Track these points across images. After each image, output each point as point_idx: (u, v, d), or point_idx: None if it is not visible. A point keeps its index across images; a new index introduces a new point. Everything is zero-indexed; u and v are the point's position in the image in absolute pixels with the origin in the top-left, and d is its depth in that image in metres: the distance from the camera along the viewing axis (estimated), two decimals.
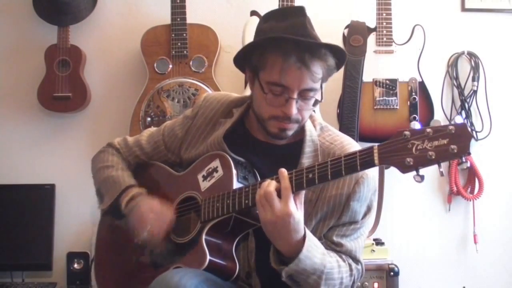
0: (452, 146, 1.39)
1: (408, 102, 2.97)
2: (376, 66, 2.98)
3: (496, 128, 3.20)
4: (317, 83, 1.74)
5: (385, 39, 2.99)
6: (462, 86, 3.19)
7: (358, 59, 2.89)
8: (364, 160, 1.51)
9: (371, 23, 2.99)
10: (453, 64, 3.20)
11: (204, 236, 1.74)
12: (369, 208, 1.80)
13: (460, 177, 3.21)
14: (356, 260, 1.78)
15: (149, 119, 2.97)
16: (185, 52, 3.01)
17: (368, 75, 2.95)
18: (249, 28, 2.88)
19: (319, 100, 1.78)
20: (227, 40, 3.12)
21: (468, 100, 3.19)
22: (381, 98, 2.97)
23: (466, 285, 3.18)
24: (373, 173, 1.77)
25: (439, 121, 1.50)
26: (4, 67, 3.20)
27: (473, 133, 3.16)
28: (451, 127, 1.39)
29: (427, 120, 2.95)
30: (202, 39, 3.04)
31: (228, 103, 1.96)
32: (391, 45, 2.99)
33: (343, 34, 2.97)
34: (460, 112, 3.18)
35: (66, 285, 3.01)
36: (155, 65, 3.02)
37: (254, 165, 1.84)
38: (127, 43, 3.18)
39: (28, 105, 3.16)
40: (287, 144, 1.86)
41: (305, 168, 1.61)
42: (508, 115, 3.27)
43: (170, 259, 1.82)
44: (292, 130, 1.80)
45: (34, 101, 3.09)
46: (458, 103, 3.20)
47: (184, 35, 3.01)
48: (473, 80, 3.18)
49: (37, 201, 3.08)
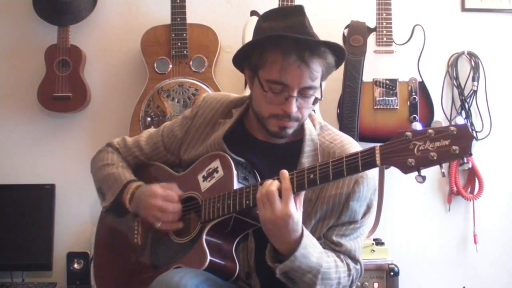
0: (454, 147, 1.39)
1: (408, 102, 2.97)
2: (376, 66, 2.98)
3: (496, 128, 3.20)
4: (317, 81, 1.74)
5: (385, 39, 2.99)
6: (462, 86, 3.19)
7: (358, 59, 2.89)
8: (366, 161, 1.52)
9: (371, 23, 2.99)
10: (453, 64, 3.20)
11: (205, 236, 1.74)
12: (369, 208, 1.80)
13: (460, 177, 3.21)
14: (355, 260, 1.78)
15: (149, 119, 2.97)
16: (185, 52, 3.01)
17: (368, 75, 2.95)
18: (249, 28, 2.87)
19: (319, 99, 1.78)
20: (227, 40, 3.11)
21: (468, 100, 3.19)
22: (381, 98, 2.97)
23: (466, 285, 3.18)
24: (373, 173, 1.76)
25: (441, 122, 1.49)
26: (4, 67, 3.20)
27: (473, 133, 3.16)
28: (453, 128, 1.40)
29: (427, 120, 2.95)
30: (202, 39, 3.04)
31: (228, 104, 1.96)
32: (391, 45, 2.99)
33: (343, 34, 2.97)
34: (460, 112, 3.18)
35: (66, 285, 3.01)
36: (155, 65, 3.02)
37: (254, 165, 1.84)
38: (127, 43, 3.18)
39: (28, 105, 3.16)
40: (287, 144, 1.86)
41: (306, 169, 1.61)
42: (508, 115, 3.27)
43: (170, 259, 1.82)
44: (292, 129, 1.79)
45: (34, 101, 3.09)
46: (458, 103, 3.20)
47: (184, 35, 3.00)
48: (473, 80, 3.18)
49: (37, 201, 3.08)
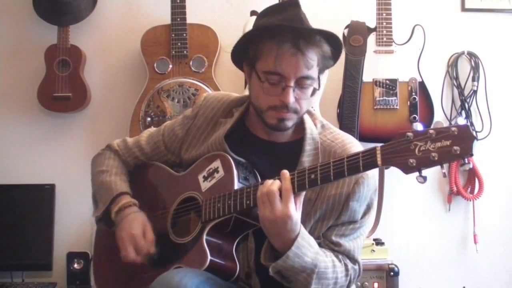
0: (455, 148, 1.39)
1: (408, 102, 2.97)
2: (376, 66, 2.98)
3: (496, 128, 3.20)
4: (313, 71, 1.74)
5: (385, 39, 2.99)
6: (462, 86, 3.20)
7: (358, 59, 2.89)
8: (367, 161, 1.51)
9: (371, 23, 2.99)
10: (453, 64, 3.20)
11: (205, 236, 1.74)
12: (369, 208, 1.80)
13: (460, 177, 3.21)
14: (354, 260, 1.78)
15: (149, 119, 2.97)
16: (185, 52, 3.01)
17: (368, 75, 2.95)
18: (249, 28, 2.86)
19: (317, 89, 1.78)
20: (227, 40, 3.11)
21: (468, 100, 3.19)
22: (381, 98, 2.97)
23: (466, 285, 3.18)
24: (373, 173, 1.76)
25: (441, 123, 1.50)
26: (4, 67, 3.20)
27: (474, 133, 3.16)
28: (454, 129, 1.40)
29: (427, 120, 2.95)
30: (202, 39, 3.04)
31: (229, 103, 1.96)
32: (391, 45, 2.99)
33: (343, 34, 2.97)
34: (460, 112, 3.18)
35: (66, 285, 3.01)
36: (155, 65, 3.02)
37: (255, 165, 1.84)
38: (127, 43, 3.18)
39: (28, 105, 3.16)
40: (288, 142, 1.86)
41: (307, 169, 1.60)
42: (508, 115, 3.27)
43: (171, 259, 1.81)
44: (291, 121, 1.78)
45: (34, 101, 3.09)
46: (458, 103, 3.20)
47: (184, 35, 3.00)
48: (473, 80, 3.18)
49: (37, 201, 3.08)
